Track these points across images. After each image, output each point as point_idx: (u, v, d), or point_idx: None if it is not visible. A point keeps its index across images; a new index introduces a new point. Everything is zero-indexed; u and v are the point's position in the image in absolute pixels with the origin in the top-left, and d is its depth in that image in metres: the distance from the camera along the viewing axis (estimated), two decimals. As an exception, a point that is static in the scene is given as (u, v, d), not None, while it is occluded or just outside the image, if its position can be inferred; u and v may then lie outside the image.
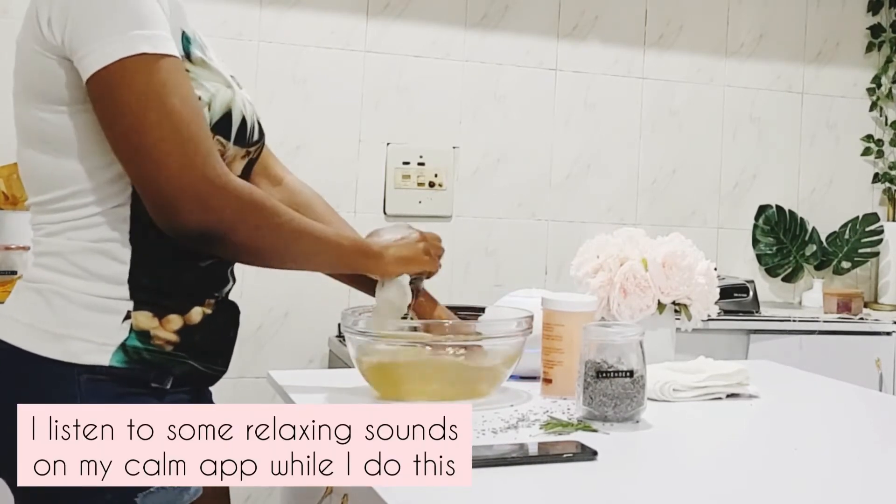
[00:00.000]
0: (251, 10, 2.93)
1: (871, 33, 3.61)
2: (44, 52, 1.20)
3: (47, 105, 1.22)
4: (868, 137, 3.62)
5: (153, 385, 1.23)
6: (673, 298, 1.69)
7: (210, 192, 1.19)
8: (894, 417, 1.56)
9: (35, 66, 1.22)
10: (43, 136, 1.23)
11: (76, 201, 1.23)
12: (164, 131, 1.16)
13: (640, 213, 3.36)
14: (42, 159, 1.24)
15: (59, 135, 1.22)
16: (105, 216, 1.22)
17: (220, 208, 1.20)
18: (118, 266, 1.22)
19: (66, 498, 1.17)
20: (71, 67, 1.19)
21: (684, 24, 3.40)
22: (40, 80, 1.22)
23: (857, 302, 3.25)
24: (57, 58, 1.20)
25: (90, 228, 1.22)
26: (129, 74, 1.15)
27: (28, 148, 1.26)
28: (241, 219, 1.22)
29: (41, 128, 1.23)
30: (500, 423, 1.32)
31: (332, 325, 2.82)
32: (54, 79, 1.21)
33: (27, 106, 1.25)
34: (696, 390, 1.52)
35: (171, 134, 1.16)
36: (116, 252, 1.22)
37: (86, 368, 1.20)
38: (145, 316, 1.23)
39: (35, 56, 1.22)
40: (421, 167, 3.08)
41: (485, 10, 3.16)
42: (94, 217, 1.22)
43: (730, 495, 1.09)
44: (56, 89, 1.21)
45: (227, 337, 1.34)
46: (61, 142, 1.22)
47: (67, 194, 1.23)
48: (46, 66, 1.21)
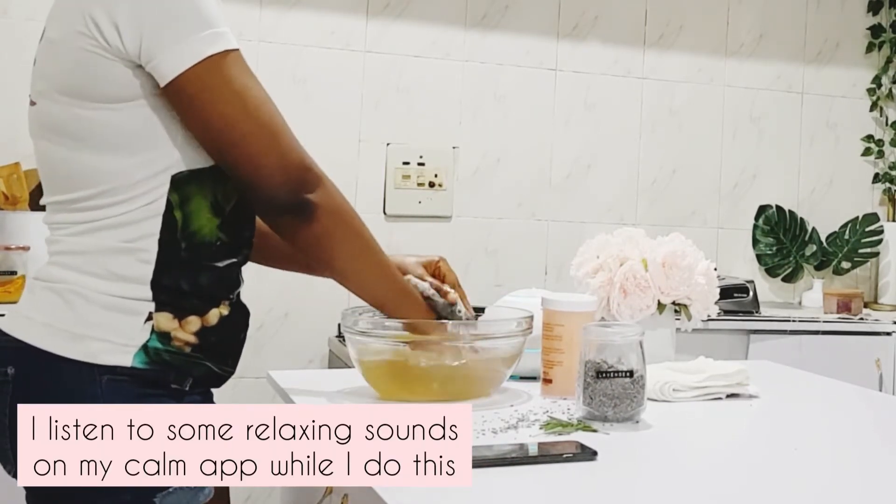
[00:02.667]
0: (251, 10, 2.93)
1: (872, 33, 3.61)
2: (100, 54, 1.20)
3: (92, 103, 1.22)
4: (868, 137, 3.62)
5: (173, 386, 1.24)
6: (673, 298, 1.69)
7: (305, 173, 1.26)
8: (894, 417, 1.56)
9: (83, 65, 1.21)
10: (79, 134, 1.23)
11: (111, 199, 1.22)
12: (251, 125, 1.23)
13: (640, 213, 3.36)
14: (73, 156, 1.24)
15: (101, 132, 1.22)
16: (140, 212, 1.22)
17: (314, 185, 1.27)
18: (144, 267, 1.22)
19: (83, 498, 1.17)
20: (131, 68, 1.20)
21: (684, 24, 3.40)
22: (88, 80, 1.21)
23: (857, 302, 3.25)
24: (120, 60, 1.20)
25: (124, 227, 1.22)
26: (208, 76, 1.20)
27: (55, 145, 1.26)
28: (330, 196, 1.29)
29: (80, 125, 1.23)
30: (500, 424, 1.31)
31: (332, 326, 2.82)
32: (106, 78, 1.21)
33: (62, 103, 1.24)
34: (696, 390, 1.52)
35: (259, 126, 1.23)
36: (144, 252, 1.22)
37: (107, 369, 1.20)
38: (166, 317, 1.23)
39: (85, 56, 1.21)
40: (421, 167, 3.08)
41: (485, 10, 3.16)
42: (128, 214, 1.22)
43: (730, 495, 1.09)
44: (105, 88, 1.21)
45: (239, 338, 1.35)
46: (104, 139, 1.22)
47: (102, 191, 1.23)
48: (100, 66, 1.20)
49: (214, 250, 1.27)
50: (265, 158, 1.24)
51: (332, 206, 1.30)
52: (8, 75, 2.54)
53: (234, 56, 1.23)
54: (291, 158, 1.25)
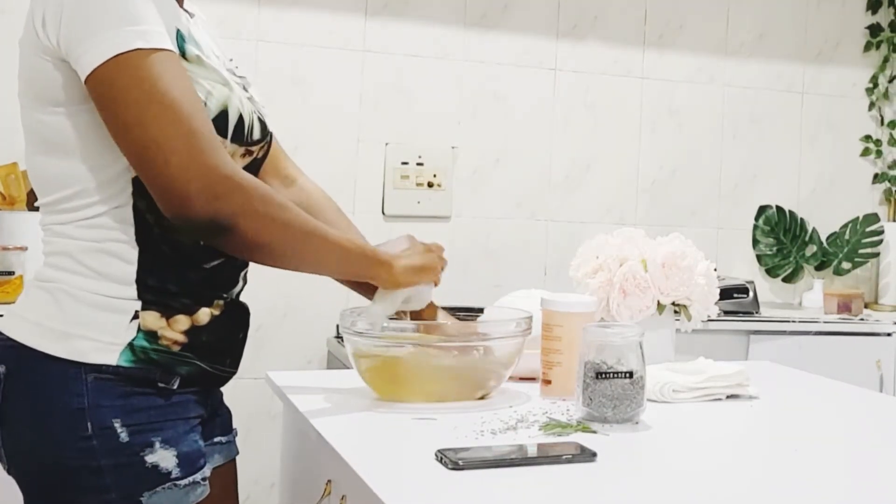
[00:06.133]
0: (249, 9, 2.92)
1: (870, 32, 3.61)
2: (39, 55, 1.20)
3: (46, 107, 1.22)
4: (867, 137, 3.62)
5: (160, 385, 1.23)
6: (673, 299, 1.68)
7: (217, 181, 1.17)
8: (894, 418, 1.55)
9: (33, 68, 1.22)
10: (44, 138, 1.24)
11: (81, 201, 1.23)
12: (167, 124, 1.15)
13: (639, 213, 3.35)
14: (46, 161, 1.25)
15: (58, 136, 1.22)
16: (109, 216, 1.22)
17: (228, 196, 1.18)
18: (126, 266, 1.22)
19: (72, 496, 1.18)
20: (66, 68, 1.19)
21: (684, 24, 3.39)
22: (38, 83, 1.22)
23: (858, 303, 3.25)
24: (52, 59, 1.20)
25: (95, 228, 1.22)
26: (125, 70, 1.15)
27: (33, 150, 1.27)
28: (248, 209, 1.20)
29: (42, 130, 1.24)
30: (499, 425, 1.31)
31: (331, 326, 2.82)
32: (50, 80, 1.21)
33: (29, 108, 1.25)
34: (695, 391, 1.51)
35: (174, 126, 1.16)
36: (123, 252, 1.22)
37: (93, 367, 1.19)
38: (153, 316, 1.23)
39: (32, 59, 1.22)
40: (420, 167, 3.08)
41: (484, 10, 3.16)
42: (98, 217, 1.22)
43: (729, 496, 1.08)
44: (52, 91, 1.21)
45: (235, 338, 1.34)
46: (61, 143, 1.22)
47: (72, 194, 1.23)
48: (42, 68, 1.21)
49: (199, 251, 1.26)
50: (174, 163, 1.15)
51: (255, 213, 1.21)
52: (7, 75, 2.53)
53: (159, 56, 1.17)
54: (205, 162, 1.17)
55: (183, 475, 1.22)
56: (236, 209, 1.19)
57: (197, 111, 1.19)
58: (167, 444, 1.21)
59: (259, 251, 1.26)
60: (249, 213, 1.20)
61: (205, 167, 1.17)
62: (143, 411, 1.21)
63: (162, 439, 1.21)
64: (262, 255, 1.27)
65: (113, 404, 1.19)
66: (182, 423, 1.25)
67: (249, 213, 1.20)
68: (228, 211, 1.18)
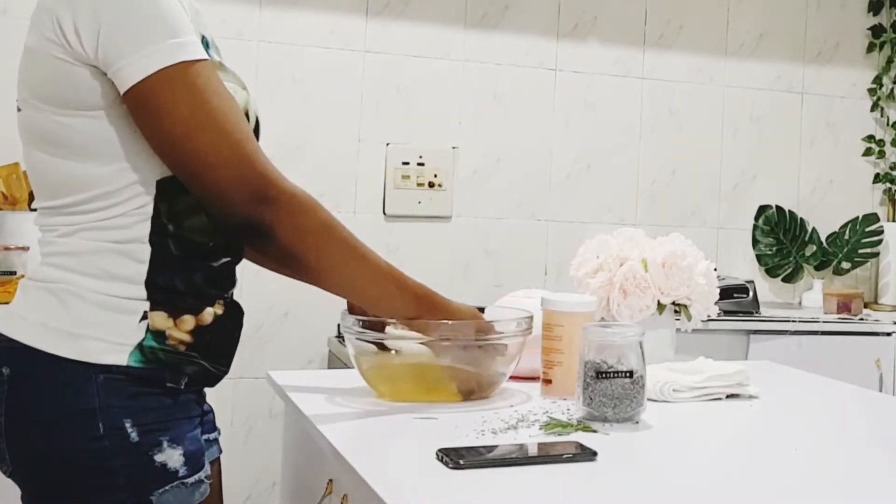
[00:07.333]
0: (250, 9, 2.92)
1: (872, 34, 3.61)
2: (68, 60, 1.19)
3: (70, 111, 1.21)
4: (869, 138, 3.62)
5: (168, 385, 1.24)
6: (673, 299, 1.68)
7: (265, 185, 1.22)
8: (894, 418, 1.55)
9: (57, 73, 1.20)
10: (61, 142, 1.22)
11: (98, 204, 1.22)
12: (214, 133, 1.19)
13: (639, 213, 3.36)
14: (58, 164, 1.23)
15: (83, 140, 1.21)
16: (129, 217, 1.22)
17: (275, 199, 1.22)
18: (137, 266, 1.22)
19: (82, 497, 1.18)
20: (100, 75, 1.19)
21: (684, 24, 3.40)
22: (63, 88, 1.21)
23: (857, 302, 3.25)
24: (85, 66, 1.19)
25: (113, 230, 1.22)
26: (169, 84, 1.17)
27: (41, 152, 1.25)
28: (290, 214, 1.24)
29: (61, 133, 1.22)
30: (499, 424, 1.31)
31: (332, 326, 2.82)
32: (80, 86, 1.20)
33: (44, 111, 1.23)
34: (695, 391, 1.52)
35: (221, 135, 1.19)
36: (137, 252, 1.22)
37: (103, 368, 1.19)
38: (161, 316, 1.23)
39: (56, 63, 1.20)
40: (420, 167, 3.08)
41: (484, 10, 3.16)
42: (117, 218, 1.22)
43: (729, 496, 1.09)
44: (82, 96, 1.20)
45: (233, 337, 1.35)
46: (84, 146, 1.21)
47: (89, 198, 1.22)
48: (71, 74, 1.19)
49: (208, 250, 1.27)
50: (224, 170, 1.20)
51: (295, 222, 1.25)
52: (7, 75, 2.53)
53: (200, 67, 1.20)
54: (254, 169, 1.21)
55: (189, 473, 1.23)
56: (278, 213, 1.23)
57: (240, 119, 1.22)
58: (174, 443, 1.22)
59: (293, 258, 1.28)
60: (289, 218, 1.24)
61: (253, 172, 1.21)
62: (152, 411, 1.21)
63: (169, 438, 1.22)
64: (295, 262, 1.29)
65: (123, 404, 1.19)
66: (186, 422, 1.25)
67: (289, 217, 1.24)
68: (271, 213, 1.22)
